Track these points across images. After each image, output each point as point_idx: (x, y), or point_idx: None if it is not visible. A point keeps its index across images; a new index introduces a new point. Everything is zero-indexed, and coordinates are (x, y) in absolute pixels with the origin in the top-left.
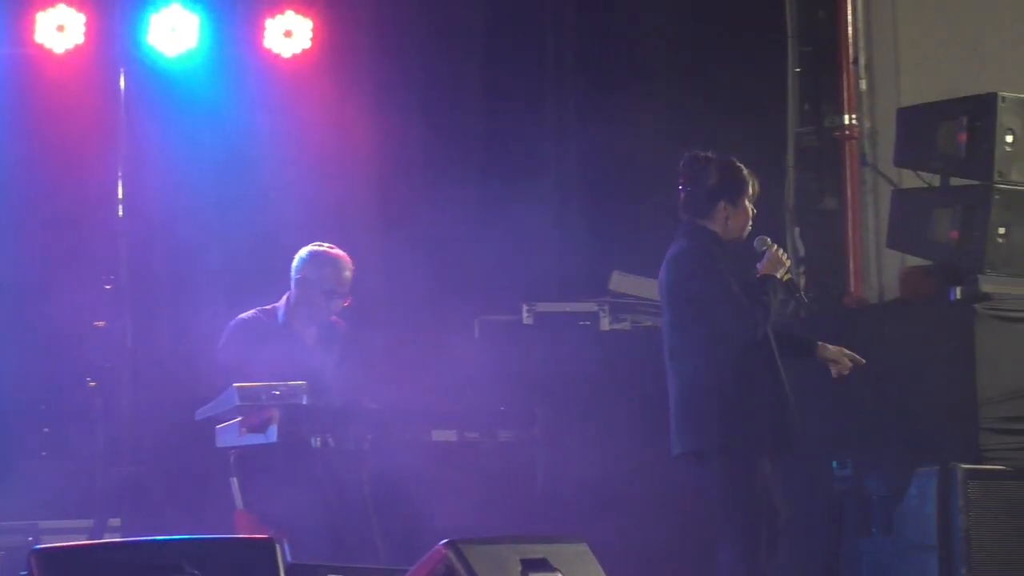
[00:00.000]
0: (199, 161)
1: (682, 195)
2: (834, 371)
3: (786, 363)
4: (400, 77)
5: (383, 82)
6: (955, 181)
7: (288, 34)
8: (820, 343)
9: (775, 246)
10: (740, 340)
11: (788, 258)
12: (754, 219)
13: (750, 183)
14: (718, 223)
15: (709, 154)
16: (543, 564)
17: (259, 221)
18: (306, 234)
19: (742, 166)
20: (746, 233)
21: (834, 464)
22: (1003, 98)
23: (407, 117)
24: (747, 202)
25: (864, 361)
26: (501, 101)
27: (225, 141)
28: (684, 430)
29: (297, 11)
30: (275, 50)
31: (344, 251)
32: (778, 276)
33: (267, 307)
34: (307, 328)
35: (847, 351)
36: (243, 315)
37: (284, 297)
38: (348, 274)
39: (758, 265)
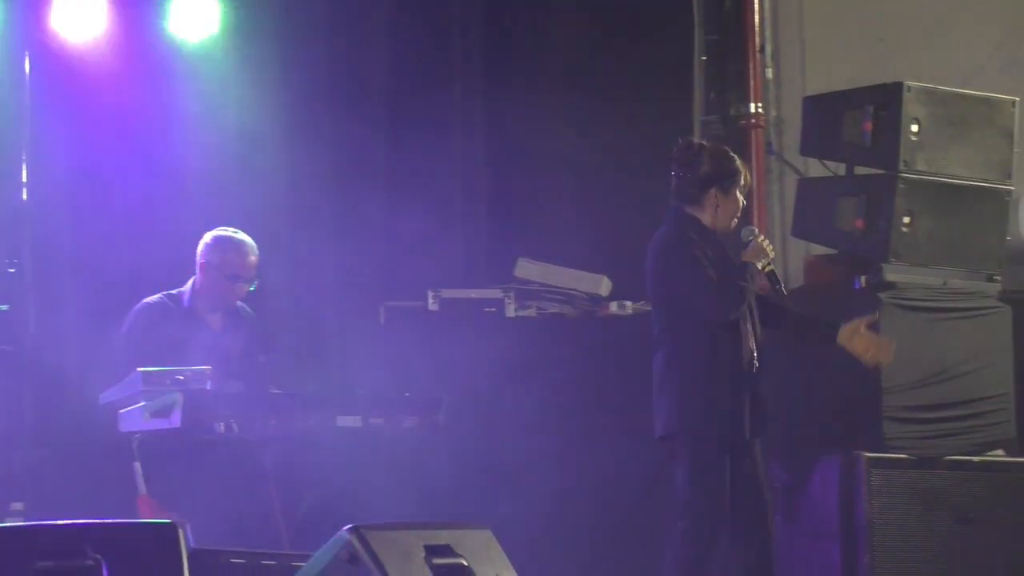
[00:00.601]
0: (105, 145)
1: (673, 181)
2: (866, 361)
3: (803, 350)
4: (306, 62)
5: (289, 67)
6: (860, 170)
7: (193, 17)
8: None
9: (761, 236)
10: (710, 321)
11: (772, 249)
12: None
13: (743, 173)
14: (707, 211)
15: (703, 142)
16: (447, 550)
17: (164, 206)
18: (211, 218)
19: (735, 156)
20: (734, 223)
21: None
22: (909, 87)
23: (312, 103)
24: (738, 192)
25: (891, 342)
26: (407, 87)
27: (130, 125)
28: (655, 415)
29: None
30: (181, 34)
31: (249, 236)
32: (759, 266)
33: (172, 292)
34: (212, 313)
35: (872, 335)
36: (148, 299)
37: (190, 282)
38: (253, 259)
39: (742, 253)
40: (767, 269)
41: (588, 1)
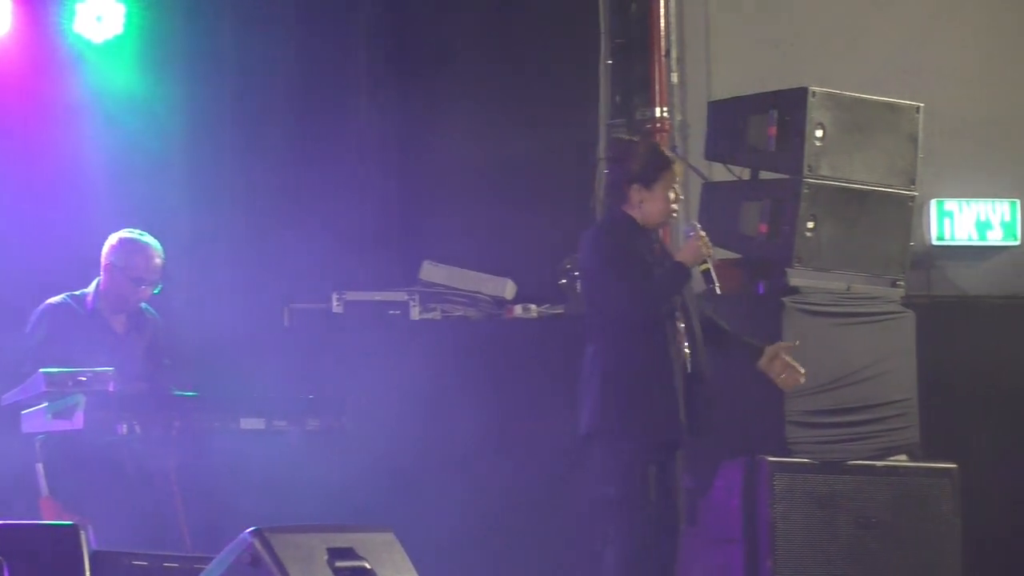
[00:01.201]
0: (7, 147)
1: (605, 179)
2: (779, 383)
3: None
4: (212, 63)
5: (194, 70)
6: (765, 175)
7: (99, 18)
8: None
9: (701, 234)
10: (629, 320)
11: (710, 248)
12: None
13: (669, 169)
14: (634, 207)
15: (633, 138)
16: (350, 553)
17: (68, 205)
18: (115, 219)
19: (664, 151)
20: (665, 218)
21: None
22: (813, 92)
23: (218, 102)
24: (664, 187)
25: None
26: (312, 88)
27: (34, 124)
28: (579, 412)
29: None
30: (85, 34)
31: (154, 237)
32: (695, 266)
33: (76, 293)
34: (116, 315)
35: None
36: (51, 300)
37: (93, 283)
38: (158, 261)
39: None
40: (702, 268)
41: (494, 4)
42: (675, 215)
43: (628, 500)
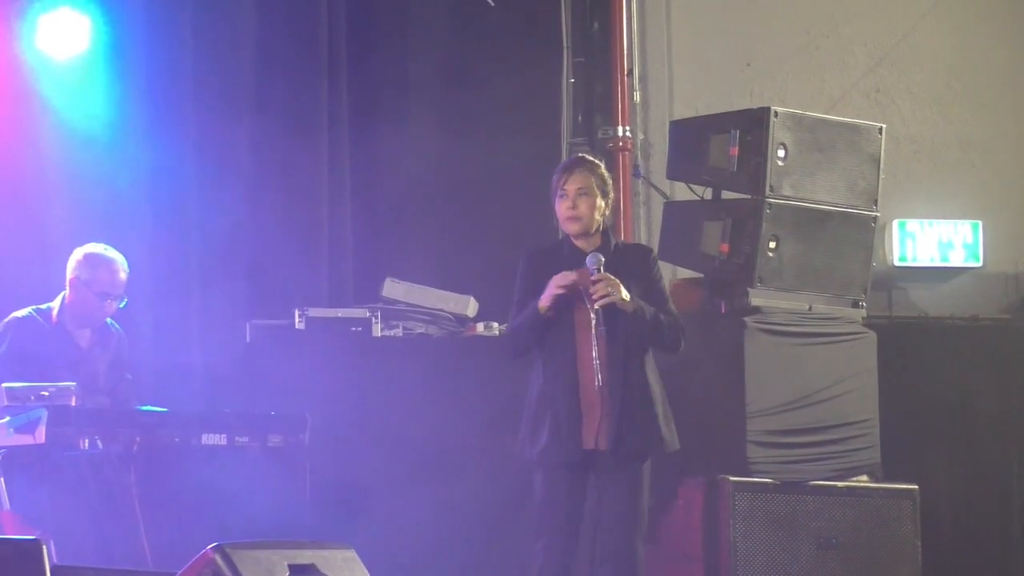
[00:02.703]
0: None
1: None
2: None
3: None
4: (172, 77)
5: (156, 84)
6: (726, 195)
7: (62, 33)
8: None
9: (599, 278)
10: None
11: (608, 289)
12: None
13: (561, 174)
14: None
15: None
16: (311, 570)
17: (30, 219)
18: (77, 233)
19: (569, 160)
20: (567, 226)
21: None
22: (775, 112)
23: (180, 116)
24: (558, 199)
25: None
26: (273, 104)
27: None
28: None
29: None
30: (48, 50)
31: (118, 252)
32: (541, 308)
33: (42, 306)
34: (81, 329)
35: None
36: (16, 313)
37: (59, 297)
38: (123, 276)
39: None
40: (598, 306)
41: (456, 21)
42: (574, 223)
43: (541, 521)
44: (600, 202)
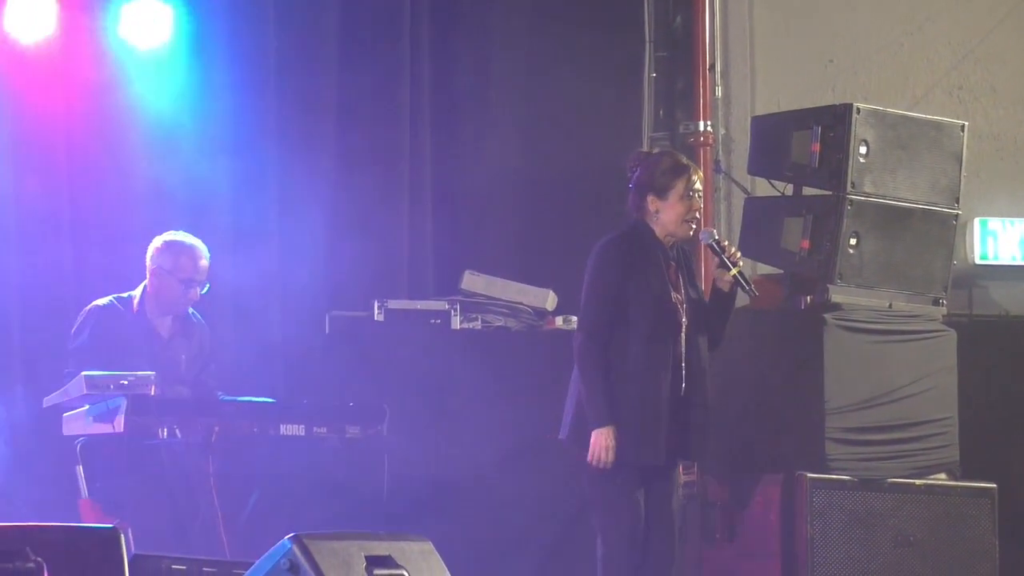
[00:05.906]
0: (54, 147)
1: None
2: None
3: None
4: (254, 68)
5: (238, 74)
6: (807, 191)
7: (145, 23)
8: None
9: (726, 244)
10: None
11: (739, 252)
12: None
13: (683, 176)
14: (651, 217)
15: (654, 149)
16: (388, 561)
17: (113, 207)
18: (159, 222)
19: (680, 160)
20: (679, 228)
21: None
22: (858, 109)
23: (262, 105)
24: (678, 196)
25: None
26: (356, 99)
27: (82, 128)
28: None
29: None
30: (131, 40)
31: (198, 239)
32: (727, 275)
33: (123, 295)
34: (162, 318)
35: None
36: (97, 302)
37: (140, 286)
38: (205, 263)
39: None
40: (732, 274)
41: (540, 15)
42: (693, 226)
43: (600, 507)
44: None
